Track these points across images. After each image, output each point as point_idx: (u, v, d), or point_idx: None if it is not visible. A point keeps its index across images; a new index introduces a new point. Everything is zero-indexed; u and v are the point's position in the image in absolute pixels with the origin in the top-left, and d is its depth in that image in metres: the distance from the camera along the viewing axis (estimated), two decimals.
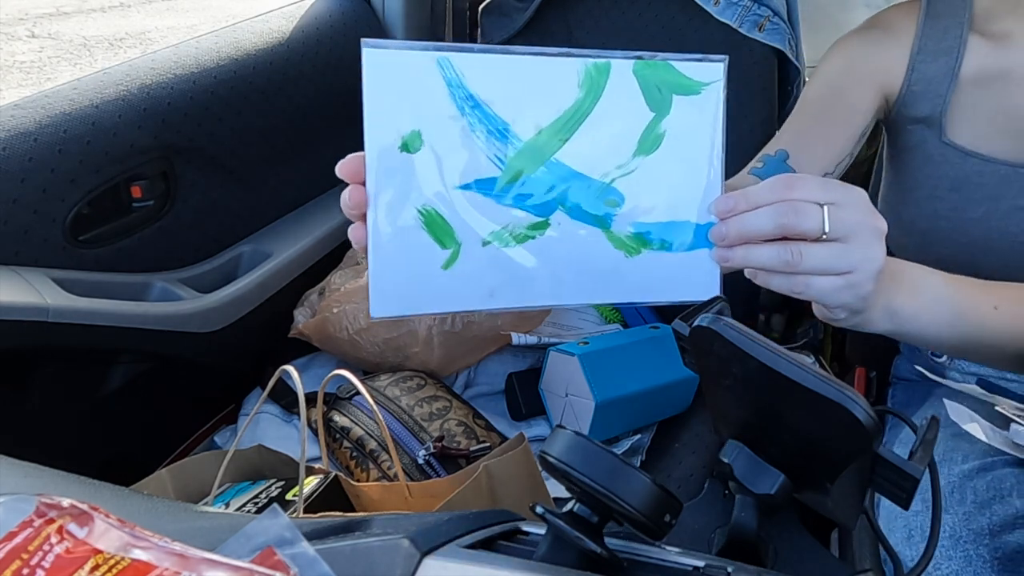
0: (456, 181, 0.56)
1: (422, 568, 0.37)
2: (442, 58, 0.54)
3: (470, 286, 0.57)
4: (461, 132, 0.55)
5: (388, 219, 0.55)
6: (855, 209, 0.56)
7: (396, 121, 0.54)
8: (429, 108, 0.54)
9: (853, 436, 0.47)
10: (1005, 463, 0.83)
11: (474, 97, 0.55)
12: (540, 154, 0.57)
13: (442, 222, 0.56)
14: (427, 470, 0.96)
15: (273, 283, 1.20)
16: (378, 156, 0.54)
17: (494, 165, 0.56)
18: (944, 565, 0.76)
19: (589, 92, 0.57)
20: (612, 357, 1.06)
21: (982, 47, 0.88)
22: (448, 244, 0.56)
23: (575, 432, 0.45)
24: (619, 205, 0.59)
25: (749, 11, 1.25)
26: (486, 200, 0.56)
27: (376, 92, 0.53)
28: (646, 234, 0.59)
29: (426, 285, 0.56)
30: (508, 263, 0.57)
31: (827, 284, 0.56)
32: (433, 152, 0.55)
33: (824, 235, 0.55)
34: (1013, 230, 0.85)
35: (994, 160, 0.86)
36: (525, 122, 0.56)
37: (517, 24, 1.38)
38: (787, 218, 0.55)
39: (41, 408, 1.01)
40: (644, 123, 0.58)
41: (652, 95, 0.58)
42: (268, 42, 1.22)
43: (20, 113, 0.97)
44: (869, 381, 1.22)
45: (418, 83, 0.54)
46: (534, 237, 0.58)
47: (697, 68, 0.58)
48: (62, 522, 0.36)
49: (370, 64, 0.53)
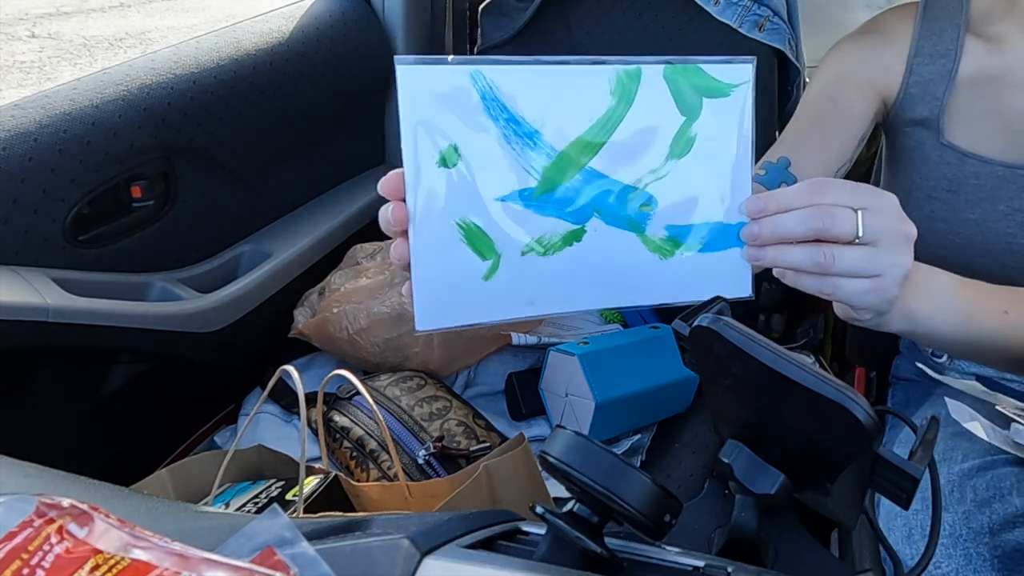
0: (494, 193, 0.56)
1: (422, 568, 0.37)
2: (475, 71, 0.54)
3: (511, 295, 0.58)
4: (496, 144, 0.56)
5: (429, 234, 0.55)
6: (886, 215, 0.57)
7: (432, 137, 0.54)
8: (464, 122, 0.55)
9: (853, 436, 0.47)
10: (1005, 462, 0.83)
11: (508, 109, 0.55)
12: (574, 162, 0.58)
13: (481, 234, 0.56)
14: (427, 470, 0.96)
15: (273, 283, 1.20)
16: (417, 172, 0.55)
17: (530, 175, 0.57)
18: (944, 564, 0.76)
19: (621, 99, 0.57)
20: (612, 357, 1.06)
21: (978, 49, 0.88)
22: (488, 255, 0.57)
23: (575, 432, 0.45)
24: (652, 209, 0.60)
25: (749, 11, 1.25)
26: (523, 210, 0.57)
27: (411, 109, 0.54)
28: (679, 236, 0.60)
29: (468, 297, 0.57)
30: (547, 271, 0.58)
31: (856, 287, 0.57)
32: (470, 165, 0.55)
33: (857, 239, 0.56)
34: (1010, 231, 0.85)
35: (991, 161, 0.86)
36: (559, 131, 0.57)
37: (517, 24, 1.38)
38: (822, 222, 0.56)
39: (41, 408, 1.01)
40: (675, 127, 0.59)
41: (682, 99, 0.58)
42: (268, 42, 1.22)
43: (20, 113, 0.97)
44: (869, 381, 1.22)
45: (452, 98, 0.54)
46: (571, 244, 0.59)
47: (725, 70, 0.59)
48: (62, 522, 0.36)
49: (404, 81, 0.53)
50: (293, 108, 1.25)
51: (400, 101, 0.53)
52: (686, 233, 0.60)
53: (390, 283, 1.15)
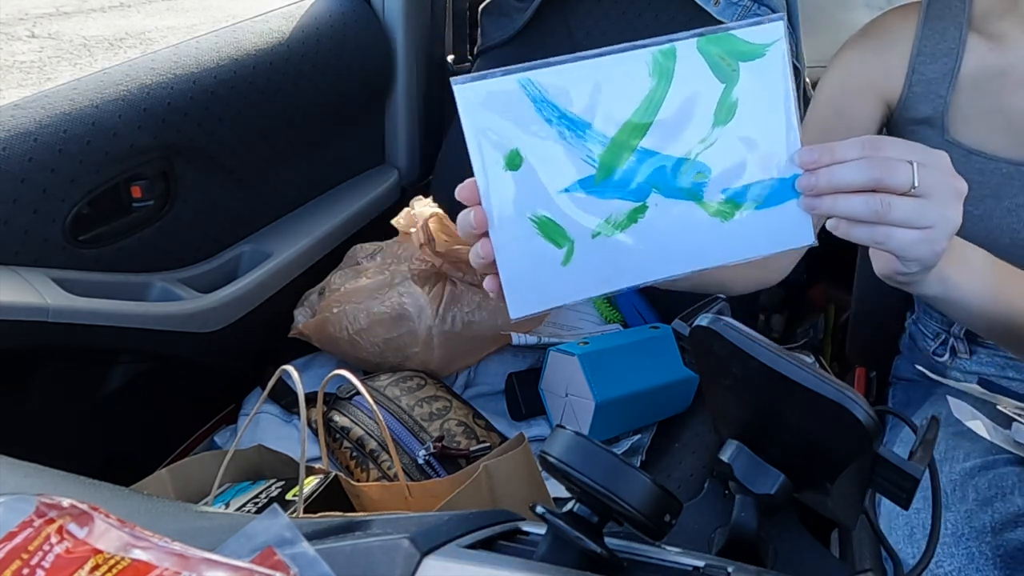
0: (558, 186, 0.61)
1: (422, 568, 0.37)
2: (523, 79, 0.59)
3: (588, 275, 0.62)
4: (553, 141, 0.60)
5: (508, 232, 0.61)
6: (939, 169, 0.60)
7: (495, 144, 0.60)
8: (521, 126, 0.60)
9: (853, 436, 0.47)
10: (1007, 461, 0.83)
11: (558, 107, 0.60)
12: (626, 145, 0.61)
13: (553, 225, 0.61)
14: (427, 470, 0.96)
15: (273, 283, 1.20)
16: (487, 179, 0.60)
17: (588, 165, 0.61)
18: (946, 563, 0.76)
19: (661, 78, 0.60)
20: (612, 357, 1.06)
21: (981, 47, 0.88)
22: (562, 243, 0.61)
23: (575, 432, 0.45)
24: (707, 176, 0.62)
25: (749, 11, 1.25)
26: (587, 197, 0.61)
27: (472, 122, 0.59)
28: (737, 197, 0.63)
29: (551, 282, 0.62)
30: (617, 248, 0.62)
31: (908, 237, 0.59)
32: (533, 165, 0.60)
33: (912, 190, 0.58)
34: (1015, 227, 0.85)
35: (996, 158, 0.86)
36: (607, 119, 0.60)
37: (517, 24, 1.38)
38: (880, 171, 0.58)
39: (41, 408, 1.01)
40: (717, 95, 0.61)
41: (719, 67, 0.61)
42: (268, 42, 1.22)
43: (20, 113, 0.97)
44: (869, 381, 1.22)
45: (507, 106, 0.59)
46: (636, 221, 0.62)
47: (757, 32, 0.61)
48: (62, 522, 0.36)
49: (463, 99, 0.58)
50: (293, 108, 1.25)
51: (462, 117, 0.59)
52: (743, 194, 0.63)
53: (390, 283, 1.15)
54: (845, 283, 1.39)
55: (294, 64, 1.24)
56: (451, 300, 1.12)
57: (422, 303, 1.11)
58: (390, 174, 1.47)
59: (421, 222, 1.12)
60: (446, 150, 1.43)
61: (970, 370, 0.98)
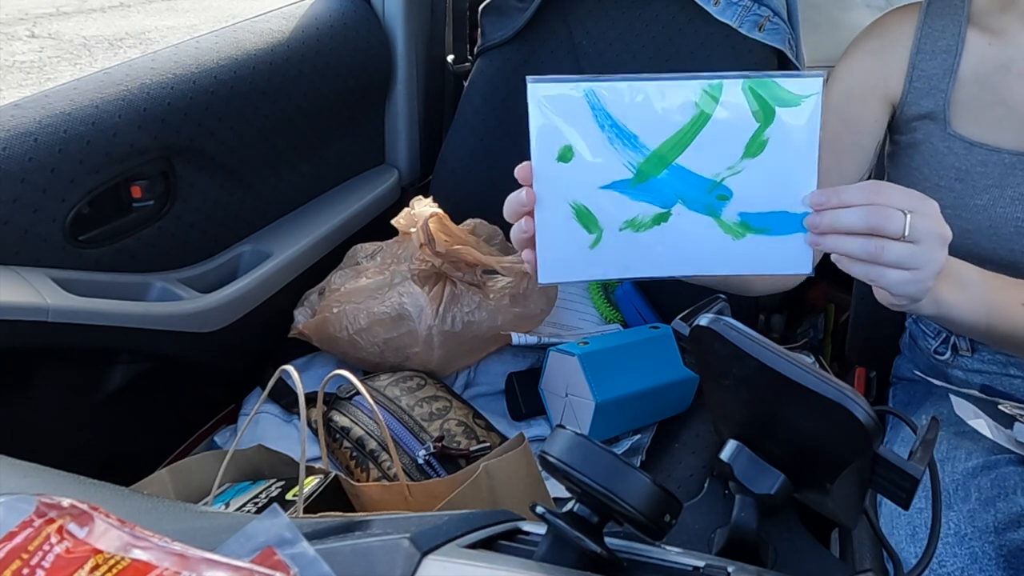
0: (598, 182, 0.70)
1: (422, 568, 0.37)
2: (587, 88, 0.68)
3: (610, 260, 0.72)
4: (602, 145, 0.69)
5: (549, 212, 0.70)
6: (929, 218, 0.67)
7: (553, 138, 0.69)
8: (578, 127, 0.68)
9: (853, 436, 0.47)
10: (1008, 461, 0.83)
11: (612, 117, 0.68)
12: (663, 160, 0.69)
13: (588, 213, 0.71)
14: (427, 470, 0.96)
15: (273, 283, 1.20)
16: (541, 166, 0.69)
17: (627, 169, 0.70)
18: (949, 562, 0.76)
19: (704, 108, 0.68)
20: (612, 357, 1.06)
21: (981, 42, 0.90)
22: (593, 230, 0.71)
23: (575, 432, 0.45)
24: (728, 199, 0.70)
25: (749, 11, 1.25)
26: (621, 196, 0.70)
27: (538, 116, 0.68)
28: (751, 221, 0.71)
29: (577, 259, 0.72)
30: (639, 243, 0.72)
31: (898, 277, 0.67)
32: (581, 161, 0.69)
33: (903, 237, 0.65)
34: (1018, 216, 0.86)
35: (999, 149, 0.87)
36: (652, 135, 0.69)
37: (517, 24, 1.38)
38: (877, 220, 0.65)
39: (41, 408, 1.01)
40: (751, 132, 0.69)
41: (757, 108, 0.68)
42: (268, 42, 1.22)
43: (20, 113, 0.97)
44: (869, 381, 1.22)
45: (569, 109, 0.68)
46: (659, 224, 0.71)
47: (797, 83, 0.68)
48: (62, 522, 0.36)
49: (533, 95, 0.68)
50: (293, 108, 1.25)
51: (530, 110, 0.68)
52: (757, 219, 0.71)
53: (390, 283, 1.15)
54: (845, 283, 1.39)
55: (294, 64, 1.24)
56: (451, 300, 1.12)
57: (422, 303, 1.11)
58: (390, 174, 1.47)
59: (421, 222, 1.12)
60: (446, 150, 1.43)
61: (972, 368, 0.98)
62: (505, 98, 1.39)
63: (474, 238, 1.20)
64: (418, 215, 1.13)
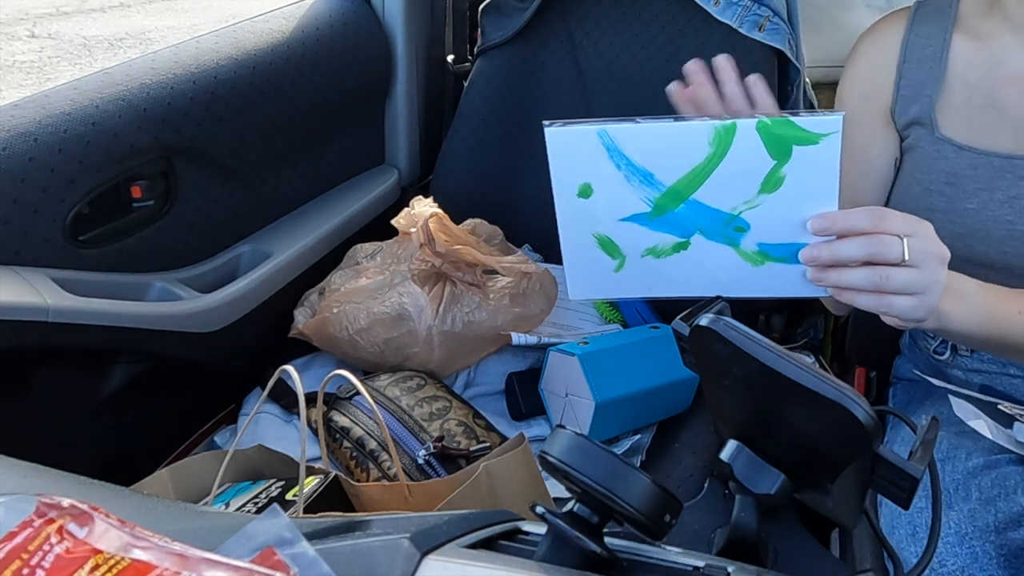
0: (617, 215, 0.73)
1: (422, 568, 0.37)
2: (601, 130, 0.70)
3: (634, 282, 0.76)
4: (619, 182, 0.71)
5: (574, 240, 0.75)
6: (927, 240, 0.67)
7: (572, 176, 0.72)
8: (595, 166, 0.71)
9: (853, 436, 0.47)
10: (1009, 461, 0.83)
11: (626, 157, 0.70)
12: (680, 195, 0.71)
13: (610, 242, 0.75)
14: (427, 470, 0.96)
15: (273, 283, 1.20)
16: (563, 202, 0.73)
17: (644, 204, 0.72)
18: (950, 562, 0.77)
19: (718, 148, 0.68)
20: (612, 357, 1.06)
21: (967, 46, 0.90)
22: (616, 256, 0.75)
23: (575, 432, 0.45)
24: (746, 230, 0.71)
25: (749, 11, 1.25)
26: (640, 228, 0.73)
27: (557, 158, 0.72)
28: (768, 251, 0.72)
29: (603, 281, 0.77)
30: (659, 269, 0.75)
31: (906, 303, 0.67)
32: (600, 196, 0.72)
33: (903, 262, 0.66)
34: (1009, 218, 0.86)
35: (988, 153, 0.87)
36: (667, 172, 0.70)
37: (517, 24, 1.38)
38: (875, 248, 0.66)
39: (41, 408, 1.01)
40: (767, 169, 0.69)
41: (773, 146, 0.68)
42: (268, 42, 1.22)
43: (20, 113, 0.97)
44: (869, 381, 1.22)
45: (586, 149, 0.71)
46: (678, 252, 0.74)
47: (815, 122, 0.67)
48: (62, 522, 0.35)
49: (551, 139, 0.71)
50: (293, 108, 1.25)
51: (549, 153, 0.72)
52: (775, 249, 0.71)
53: (390, 283, 1.15)
54: None
55: (294, 64, 1.24)
56: (451, 300, 1.12)
57: (422, 303, 1.10)
58: (390, 174, 1.47)
59: (421, 222, 1.12)
60: (446, 150, 1.43)
61: (971, 368, 0.98)
62: (505, 98, 1.39)
63: (474, 238, 1.20)
64: (418, 215, 1.13)
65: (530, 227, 1.36)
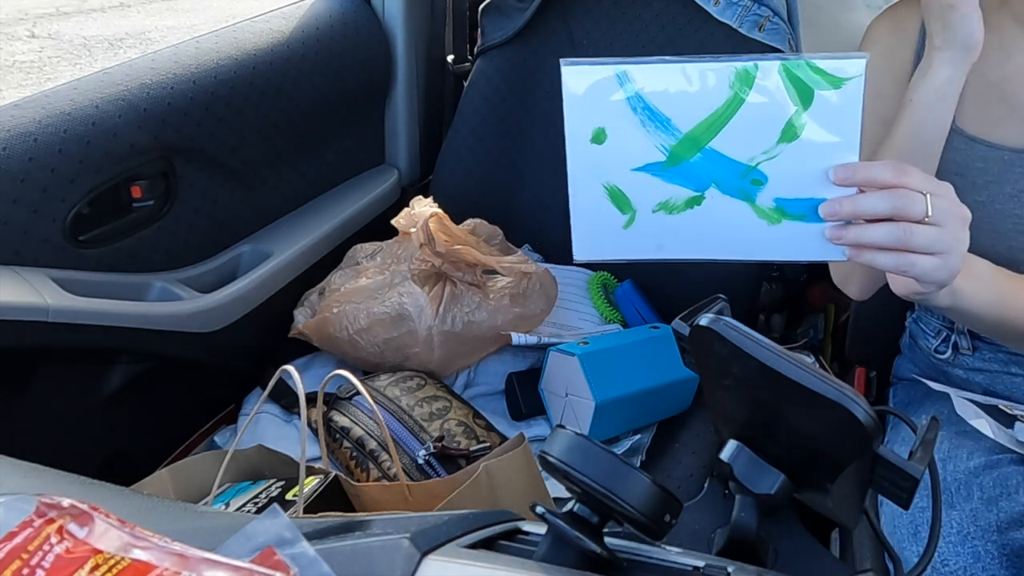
0: (630, 164, 0.70)
1: (422, 568, 0.37)
2: (620, 71, 0.67)
3: (643, 241, 0.72)
4: (635, 127, 0.68)
5: (583, 192, 0.71)
6: (948, 199, 0.65)
7: (587, 120, 0.69)
8: (611, 110, 0.68)
9: (853, 436, 0.47)
10: (1010, 460, 0.83)
11: (644, 99, 0.68)
12: (696, 143, 0.68)
13: (621, 194, 0.71)
14: (427, 470, 0.96)
15: (273, 283, 1.20)
16: (575, 147, 0.70)
17: (659, 152, 0.69)
18: (952, 561, 0.76)
19: (739, 91, 0.66)
20: (612, 357, 1.06)
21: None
22: (626, 211, 0.71)
23: (575, 432, 0.45)
24: (763, 184, 0.68)
25: (749, 11, 1.25)
26: (653, 179, 0.70)
27: (572, 99, 0.68)
28: (786, 207, 0.69)
29: (611, 238, 0.72)
30: (672, 226, 0.71)
31: (929, 263, 0.64)
32: (614, 143, 0.69)
33: (926, 219, 0.63)
34: (1017, 212, 0.86)
35: (998, 146, 0.87)
36: (685, 117, 0.68)
37: (517, 24, 1.38)
38: (899, 202, 0.63)
39: (41, 408, 1.01)
40: (787, 115, 0.66)
41: (795, 91, 0.66)
42: (268, 42, 1.22)
43: (20, 113, 0.97)
44: (869, 381, 1.22)
45: (602, 91, 0.68)
46: (692, 207, 0.70)
47: (838, 65, 0.65)
48: (62, 522, 0.35)
49: (567, 78, 0.68)
50: (293, 108, 1.25)
51: (564, 93, 0.68)
52: (792, 205, 0.68)
53: (390, 283, 1.15)
54: None
55: (294, 64, 1.24)
56: (451, 300, 1.12)
57: (422, 303, 1.10)
58: (390, 174, 1.47)
59: (421, 222, 1.12)
60: (446, 150, 1.43)
61: (973, 367, 0.98)
62: (505, 98, 1.39)
63: (474, 238, 1.20)
64: (418, 215, 1.13)
65: (530, 227, 1.36)
